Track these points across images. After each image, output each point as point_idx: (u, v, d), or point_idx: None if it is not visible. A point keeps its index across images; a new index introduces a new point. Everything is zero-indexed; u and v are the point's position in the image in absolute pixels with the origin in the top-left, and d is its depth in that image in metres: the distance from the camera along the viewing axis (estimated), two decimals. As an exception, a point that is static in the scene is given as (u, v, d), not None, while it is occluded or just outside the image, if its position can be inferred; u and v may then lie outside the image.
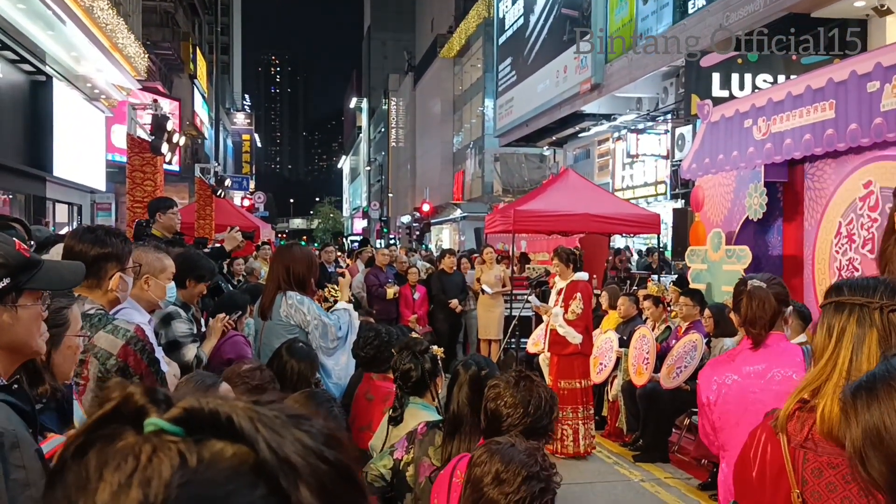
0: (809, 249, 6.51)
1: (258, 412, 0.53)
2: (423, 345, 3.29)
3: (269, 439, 0.51)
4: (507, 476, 1.79)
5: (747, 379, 2.66)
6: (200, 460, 0.49)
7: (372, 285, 10.00)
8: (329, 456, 0.53)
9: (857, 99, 5.48)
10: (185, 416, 0.52)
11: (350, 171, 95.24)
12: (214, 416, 0.52)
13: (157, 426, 0.51)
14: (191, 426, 0.51)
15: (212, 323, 3.92)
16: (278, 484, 0.50)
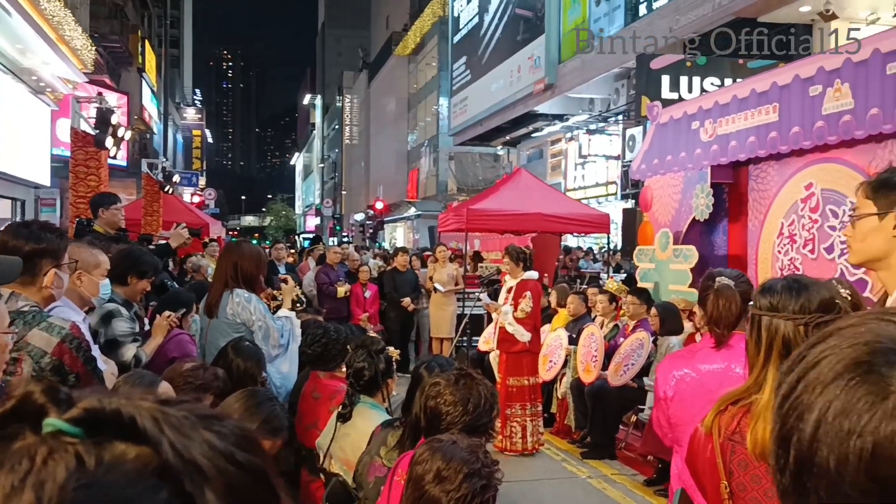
0: (753, 249, 6.65)
1: (164, 412, 0.50)
2: (380, 345, 3.27)
3: (174, 441, 0.49)
4: (448, 473, 1.78)
5: (705, 376, 2.67)
6: (99, 462, 0.47)
7: (322, 283, 9.91)
8: (240, 458, 0.51)
9: (799, 102, 5.61)
10: (85, 417, 0.49)
11: (303, 169, 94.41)
12: (117, 417, 0.49)
13: (55, 427, 0.49)
14: (92, 427, 0.49)
15: (156, 321, 3.83)
16: (183, 487, 0.48)
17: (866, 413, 0.60)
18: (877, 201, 1.96)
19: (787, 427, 0.64)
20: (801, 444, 0.63)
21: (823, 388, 0.63)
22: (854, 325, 0.67)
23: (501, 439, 6.62)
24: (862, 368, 0.62)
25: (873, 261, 2.02)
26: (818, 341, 0.67)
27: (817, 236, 5.76)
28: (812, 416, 0.62)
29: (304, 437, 3.59)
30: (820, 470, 0.61)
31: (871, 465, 0.59)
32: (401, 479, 2.21)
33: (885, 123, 4.73)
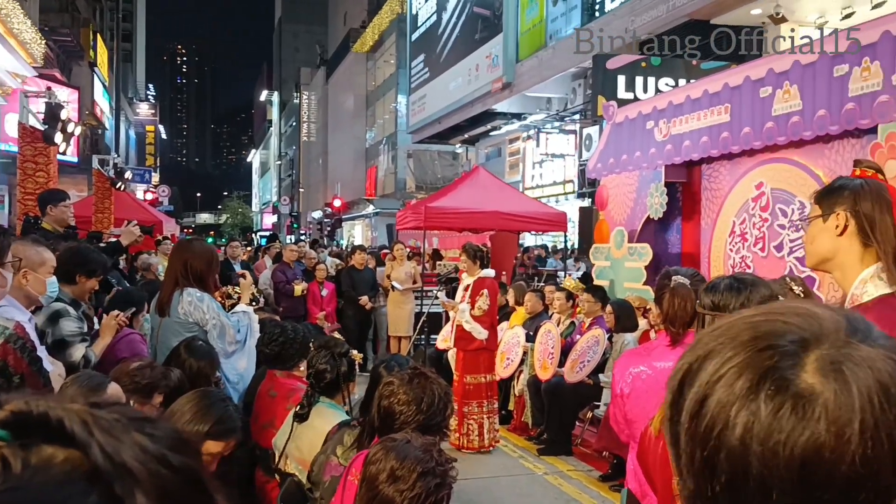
0: (706, 247, 6.76)
1: (94, 415, 0.50)
2: (343, 348, 3.24)
3: (103, 444, 0.48)
4: (402, 473, 1.77)
5: (661, 374, 2.70)
6: (26, 466, 0.46)
7: (279, 282, 9.81)
8: (174, 461, 0.50)
9: (750, 103, 5.72)
10: (12, 420, 0.48)
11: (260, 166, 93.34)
12: (44, 420, 0.48)
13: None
14: (19, 430, 0.48)
15: (105, 320, 3.74)
16: (113, 491, 0.47)
17: (788, 423, 0.60)
18: (821, 205, 2.07)
19: (710, 446, 0.63)
20: (730, 460, 0.62)
21: (741, 403, 0.62)
22: (739, 327, 0.67)
23: (458, 437, 6.63)
24: (771, 377, 0.62)
25: (824, 261, 2.10)
26: (705, 353, 0.67)
27: (767, 234, 5.88)
28: (736, 433, 0.62)
29: (259, 436, 3.55)
30: (754, 483, 0.61)
31: (803, 473, 0.60)
32: (354, 478, 2.19)
33: (831, 125, 4.85)
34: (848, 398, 0.60)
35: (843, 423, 0.59)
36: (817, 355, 0.62)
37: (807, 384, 0.61)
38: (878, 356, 0.63)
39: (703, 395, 0.64)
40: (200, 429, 2.39)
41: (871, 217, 1.98)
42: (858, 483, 0.59)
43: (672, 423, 0.67)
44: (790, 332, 0.65)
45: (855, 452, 0.59)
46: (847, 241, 2.01)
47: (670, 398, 0.68)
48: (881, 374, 0.61)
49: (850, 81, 4.67)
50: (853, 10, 11.08)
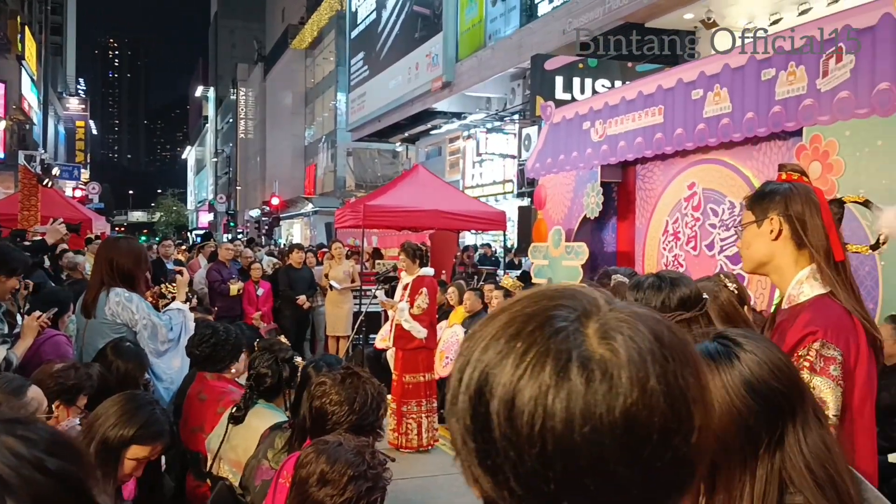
0: (640, 246, 6.89)
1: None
2: (288, 353, 3.17)
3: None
4: (332, 476, 1.74)
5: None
6: None
7: (214, 281, 9.60)
8: (50, 465, 0.47)
9: (683, 105, 5.84)
10: None
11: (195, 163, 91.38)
12: None
13: None
14: None
15: (26, 321, 3.60)
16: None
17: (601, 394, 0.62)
18: (754, 210, 2.13)
19: (538, 442, 0.63)
20: (561, 447, 0.62)
21: (554, 390, 0.63)
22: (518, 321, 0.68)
23: (397, 436, 6.60)
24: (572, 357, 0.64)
25: (761, 266, 2.16)
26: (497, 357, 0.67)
27: (699, 234, 6.02)
28: (558, 419, 0.62)
29: (189, 440, 3.46)
30: (586, 462, 0.62)
31: (626, 436, 0.62)
32: (286, 481, 2.15)
33: (759, 127, 4.99)
34: (638, 356, 0.63)
35: (644, 379, 0.63)
36: (595, 327, 0.65)
37: (601, 354, 0.63)
38: (641, 314, 0.68)
39: (510, 396, 0.64)
40: (126, 433, 2.31)
41: (802, 220, 2.04)
42: (669, 428, 0.63)
43: (478, 435, 0.66)
44: (565, 311, 0.67)
45: (659, 402, 0.63)
46: (782, 245, 2.08)
47: (469, 412, 0.66)
48: (651, 328, 0.66)
49: (777, 85, 4.81)
50: (781, 16, 11.44)
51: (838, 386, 1.86)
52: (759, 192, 2.16)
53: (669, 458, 0.63)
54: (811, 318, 1.96)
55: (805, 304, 2.03)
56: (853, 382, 1.92)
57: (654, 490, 0.63)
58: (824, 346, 1.89)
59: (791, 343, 1.95)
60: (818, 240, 2.03)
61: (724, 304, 2.73)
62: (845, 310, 1.98)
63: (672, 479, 0.64)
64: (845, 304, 1.98)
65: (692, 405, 0.65)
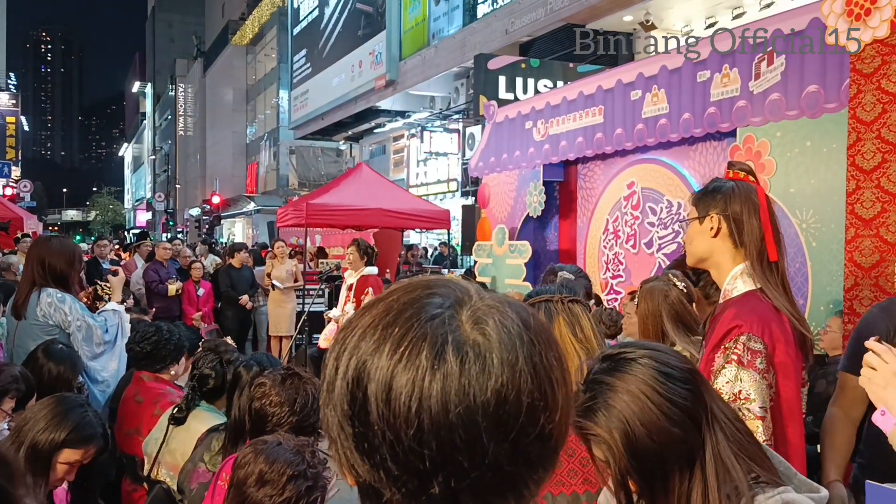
0: (582, 245, 6.99)
1: None
2: (233, 355, 3.11)
3: None
4: (271, 476, 1.72)
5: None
6: None
7: (151, 281, 9.38)
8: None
9: (622, 106, 5.93)
10: None
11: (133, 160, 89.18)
12: None
13: None
14: None
15: (-49, 324, 3.46)
16: None
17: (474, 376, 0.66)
18: (697, 207, 2.20)
19: (414, 424, 0.66)
20: (436, 428, 0.65)
21: (430, 373, 0.66)
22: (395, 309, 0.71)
23: None
24: (447, 341, 0.67)
25: (701, 261, 2.23)
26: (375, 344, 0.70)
27: (638, 232, 6.13)
28: (434, 401, 0.65)
29: (124, 443, 3.37)
30: (462, 443, 0.65)
31: (497, 415, 0.66)
32: (224, 483, 2.12)
33: (695, 128, 5.11)
34: (508, 339, 0.68)
35: (513, 361, 0.67)
36: (468, 314, 0.69)
37: (474, 338, 0.68)
38: (509, 301, 0.73)
39: (388, 379, 0.66)
40: (56, 437, 2.24)
41: (739, 220, 2.11)
42: (535, 406, 0.68)
43: (356, 420, 0.68)
44: (439, 300, 0.71)
45: (527, 382, 0.67)
46: (720, 242, 2.15)
47: (347, 397, 0.69)
48: (519, 314, 0.71)
49: (712, 87, 4.93)
50: (716, 19, 11.75)
51: (763, 379, 1.93)
52: (704, 190, 2.23)
53: (535, 434, 0.68)
54: (737, 312, 2.03)
55: (736, 299, 2.10)
56: (779, 375, 1.99)
57: (521, 465, 0.68)
58: (750, 339, 1.95)
59: (719, 335, 2.03)
60: (752, 240, 2.10)
61: (674, 303, 2.80)
62: (772, 306, 2.05)
63: (538, 455, 0.69)
64: (774, 301, 2.06)
65: (556, 385, 0.70)
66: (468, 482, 0.65)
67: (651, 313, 2.81)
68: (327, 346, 6.56)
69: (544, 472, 0.71)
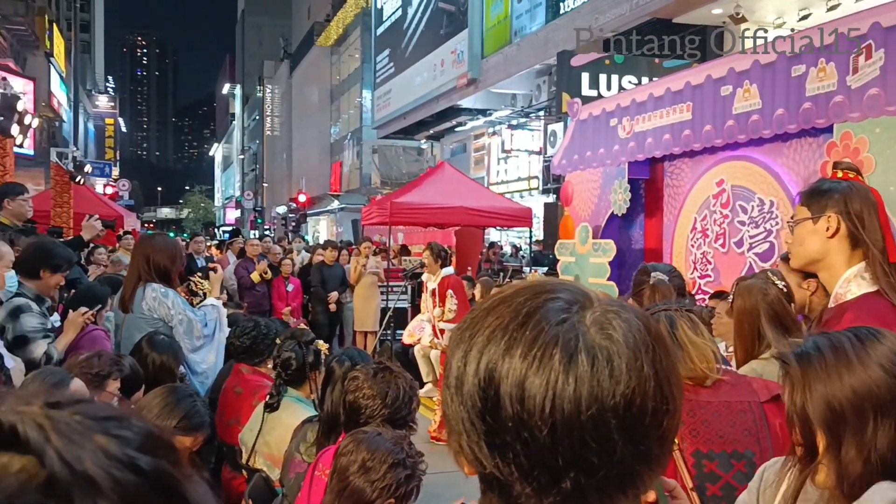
0: (668, 243, 6.87)
1: (52, 418, 0.45)
2: (309, 336, 3.24)
3: (61, 450, 0.44)
4: (372, 464, 1.80)
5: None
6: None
7: (242, 277, 9.73)
8: (143, 464, 0.46)
9: (711, 102, 5.81)
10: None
11: (223, 160, 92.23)
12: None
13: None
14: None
15: (71, 317, 3.69)
16: (72, 502, 0.43)
17: (604, 380, 0.69)
18: (810, 207, 2.11)
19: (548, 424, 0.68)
20: (567, 429, 0.68)
21: (563, 376, 0.69)
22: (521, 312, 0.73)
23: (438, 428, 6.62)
24: (578, 345, 0.70)
25: (812, 263, 2.14)
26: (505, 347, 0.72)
27: (728, 231, 6.00)
28: (566, 402, 0.68)
29: (224, 433, 3.54)
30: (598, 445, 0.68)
31: (626, 419, 0.69)
32: (322, 473, 2.21)
33: (789, 124, 4.96)
34: (633, 345, 0.71)
35: (639, 366, 0.70)
36: (591, 318, 0.72)
37: (601, 342, 0.70)
38: (628, 307, 0.76)
39: (521, 380, 0.69)
40: (168, 424, 2.38)
41: (861, 219, 2.03)
42: (658, 409, 0.70)
43: (487, 417, 0.70)
44: (565, 304, 0.73)
45: (651, 386, 0.70)
46: (837, 243, 2.07)
47: (479, 395, 0.71)
48: (640, 319, 0.74)
49: (808, 82, 4.78)
50: (810, 11, 11.33)
51: None
52: (816, 189, 2.13)
53: (657, 435, 0.71)
54: (855, 315, 1.96)
55: (851, 303, 2.02)
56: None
57: (642, 462, 0.71)
58: None
59: None
60: (875, 239, 2.03)
61: (773, 302, 2.68)
62: (892, 306, 1.97)
63: (657, 455, 0.72)
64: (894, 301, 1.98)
65: (675, 389, 0.73)
66: (596, 479, 0.68)
67: (748, 311, 2.68)
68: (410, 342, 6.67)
69: (659, 470, 0.74)
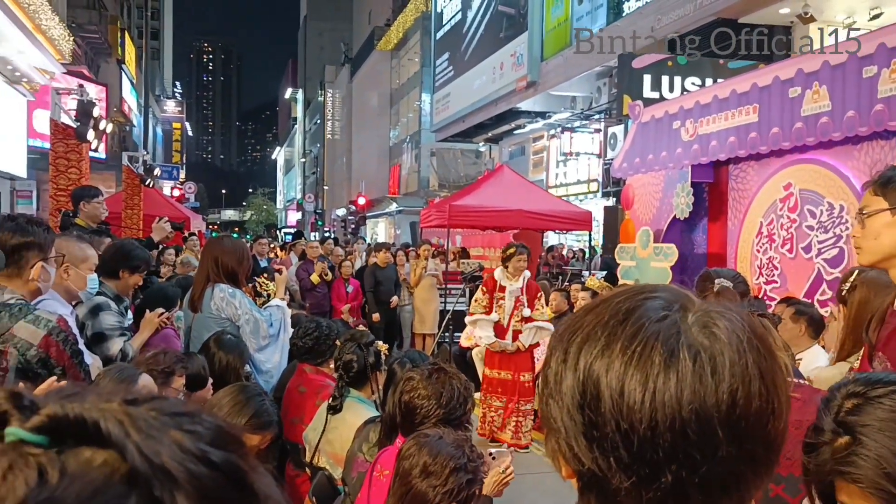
0: (732, 248, 6.74)
1: (130, 414, 0.47)
2: (369, 338, 3.29)
3: (140, 444, 0.46)
4: (435, 468, 1.81)
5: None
6: (63, 474, 0.44)
7: (302, 279, 9.89)
8: (215, 458, 0.47)
9: (779, 104, 5.69)
10: (49, 424, 0.46)
11: (284, 163, 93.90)
12: (80, 422, 0.46)
13: (17, 436, 0.45)
14: (57, 434, 0.46)
15: (147, 317, 3.82)
16: (153, 494, 0.45)
17: (707, 380, 0.69)
18: (887, 196, 1.91)
19: (645, 420, 0.68)
20: (671, 427, 0.68)
21: (664, 374, 0.69)
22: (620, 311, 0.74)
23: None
24: (678, 344, 0.69)
25: (887, 258, 1.95)
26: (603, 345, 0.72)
27: (795, 236, 5.85)
28: (669, 396, 0.68)
29: (289, 431, 3.61)
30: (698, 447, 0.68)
31: (729, 420, 0.68)
32: (380, 474, 2.24)
33: (860, 126, 4.83)
34: (738, 344, 0.70)
35: (743, 366, 0.69)
36: (693, 318, 0.71)
37: (703, 341, 0.69)
38: (732, 307, 0.75)
39: (621, 375, 0.69)
40: (238, 422, 2.44)
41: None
42: (763, 410, 0.69)
43: (586, 411, 0.70)
44: (665, 303, 0.73)
45: (756, 386, 0.69)
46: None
47: (579, 389, 0.71)
48: (744, 320, 0.73)
49: (879, 83, 4.64)
50: (881, 10, 10.96)
51: None
52: (892, 177, 1.92)
53: (762, 437, 0.70)
54: None
55: None
56: None
57: (746, 464, 0.70)
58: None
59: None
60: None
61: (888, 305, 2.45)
62: None
63: (762, 457, 0.71)
64: None
65: (780, 391, 0.72)
66: (698, 476, 0.68)
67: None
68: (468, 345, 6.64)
69: (766, 474, 0.72)
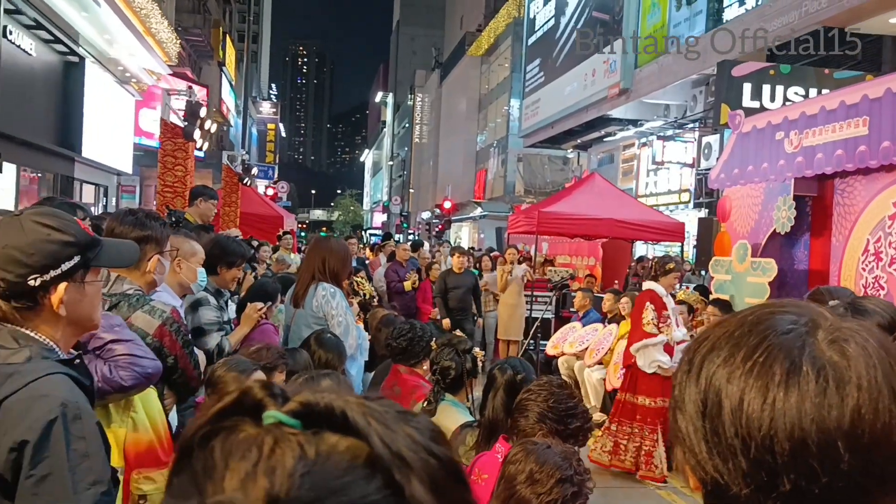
0: (836, 265, 6.47)
1: (369, 407, 0.54)
2: (467, 345, 3.32)
3: (381, 434, 0.52)
4: (540, 477, 1.82)
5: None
6: (318, 452, 0.51)
7: (391, 281, 10.00)
8: (437, 451, 0.54)
9: (890, 117, 5.45)
10: (301, 410, 0.53)
11: (372, 165, 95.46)
12: (329, 411, 0.53)
13: (277, 419, 0.53)
14: (307, 420, 0.53)
15: (247, 311, 3.96)
16: (392, 477, 0.51)
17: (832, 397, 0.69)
18: None
19: (761, 434, 0.69)
20: (791, 443, 0.68)
21: (785, 388, 0.69)
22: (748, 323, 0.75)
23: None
24: (803, 357, 0.70)
25: None
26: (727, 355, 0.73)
27: (905, 255, 5.58)
28: (790, 412, 0.68)
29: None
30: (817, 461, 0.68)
31: (851, 439, 0.67)
32: (478, 478, 2.26)
33: (985, 141, 4.57)
34: (869, 362, 0.69)
35: (873, 383, 0.68)
36: (824, 334, 0.71)
37: (831, 356, 0.69)
38: (867, 325, 0.74)
39: (741, 384, 0.70)
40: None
41: None
42: (891, 427, 0.68)
43: (706, 418, 0.72)
44: (794, 317, 0.73)
45: (885, 404, 0.68)
46: None
47: (700, 397, 0.73)
48: (878, 338, 0.72)
49: None
50: None
51: None
52: None
53: (888, 452, 0.69)
54: None
55: None
56: None
57: (872, 479, 0.69)
58: None
59: None
60: None
61: None
62: None
63: (891, 474, 0.70)
64: None
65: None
66: (818, 486, 0.68)
67: None
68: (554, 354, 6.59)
69: (894, 493, 0.71)
